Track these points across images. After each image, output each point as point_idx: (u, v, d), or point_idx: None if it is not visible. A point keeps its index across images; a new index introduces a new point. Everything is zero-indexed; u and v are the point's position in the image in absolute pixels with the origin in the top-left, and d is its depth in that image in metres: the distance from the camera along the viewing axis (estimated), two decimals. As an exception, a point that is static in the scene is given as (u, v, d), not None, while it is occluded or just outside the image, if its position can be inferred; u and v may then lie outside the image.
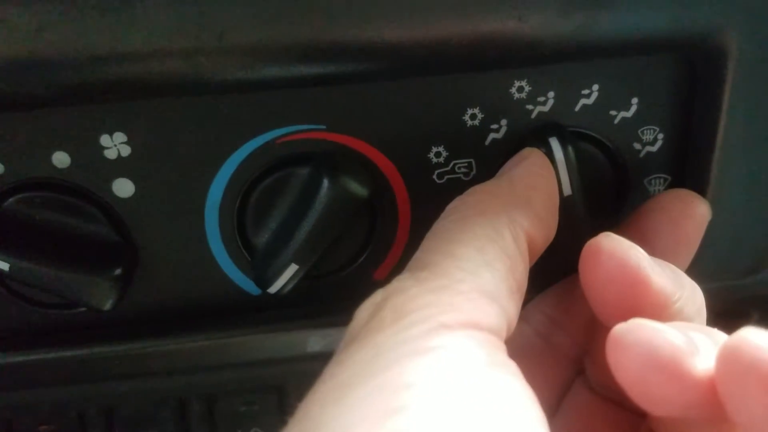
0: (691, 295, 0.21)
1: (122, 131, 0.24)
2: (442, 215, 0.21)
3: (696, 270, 0.24)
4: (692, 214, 0.24)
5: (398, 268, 0.24)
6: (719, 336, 0.19)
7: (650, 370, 0.17)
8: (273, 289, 0.25)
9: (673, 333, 0.17)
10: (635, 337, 0.17)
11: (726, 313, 0.32)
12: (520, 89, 0.24)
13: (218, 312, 0.27)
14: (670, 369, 0.17)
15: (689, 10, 0.22)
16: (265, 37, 0.21)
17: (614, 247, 0.20)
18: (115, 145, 0.24)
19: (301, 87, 0.23)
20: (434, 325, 0.16)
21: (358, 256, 0.26)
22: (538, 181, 0.22)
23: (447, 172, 0.26)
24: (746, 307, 0.31)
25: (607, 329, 0.18)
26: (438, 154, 0.25)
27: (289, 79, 0.23)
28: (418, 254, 0.19)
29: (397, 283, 0.18)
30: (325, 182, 0.23)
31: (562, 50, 0.22)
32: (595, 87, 0.24)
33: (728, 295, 0.29)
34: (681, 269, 0.24)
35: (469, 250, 0.19)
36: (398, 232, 0.27)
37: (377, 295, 0.18)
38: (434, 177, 0.26)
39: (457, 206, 0.21)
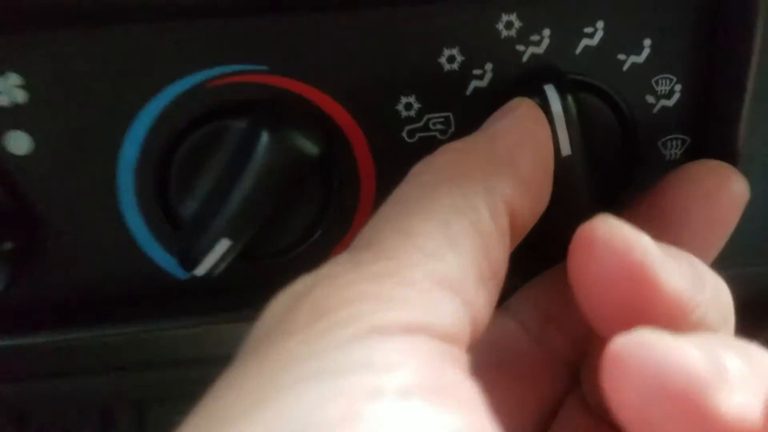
0: (715, 298, 0.16)
1: (16, 72, 0.19)
2: (404, 180, 0.16)
3: (722, 253, 0.20)
4: (730, 191, 0.19)
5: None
6: (758, 355, 0.14)
7: (658, 405, 0.12)
8: (201, 269, 0.20)
9: (692, 352, 0.12)
10: (638, 357, 0.12)
11: (756, 305, 0.28)
12: (509, 25, 0.20)
13: (137, 300, 0.22)
14: (686, 405, 0.12)
15: None
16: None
17: (612, 235, 0.15)
18: (7, 89, 0.19)
19: (236, 16, 0.19)
20: (362, 330, 0.12)
21: (310, 232, 0.22)
22: (527, 137, 0.18)
23: (419, 129, 0.21)
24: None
25: (604, 340, 0.14)
26: (408, 106, 0.21)
27: (220, 5, 0.18)
28: (365, 228, 0.15)
29: (328, 267, 0.13)
30: (265, 137, 0.19)
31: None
32: (600, 24, 0.20)
33: (760, 283, 0.25)
34: (709, 258, 0.19)
35: (429, 225, 0.14)
36: (360, 203, 0.22)
37: (300, 283, 0.13)
38: (404, 134, 0.21)
39: (421, 169, 0.16)
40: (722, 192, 0.19)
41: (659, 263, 0.15)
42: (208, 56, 0.19)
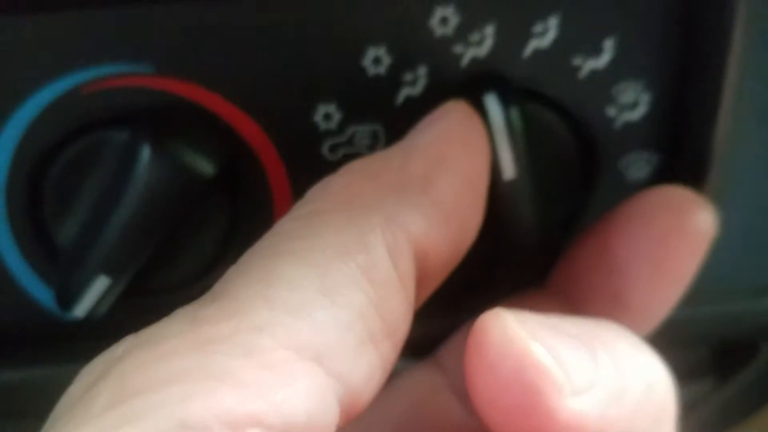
0: (640, 405, 0.13)
1: None
2: (292, 208, 0.13)
3: (693, 290, 0.17)
4: (688, 232, 0.16)
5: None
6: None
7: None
8: (80, 311, 0.17)
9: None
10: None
11: (729, 345, 0.25)
12: (444, 21, 0.17)
13: (17, 343, 0.19)
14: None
15: None
16: None
17: (505, 345, 0.12)
18: None
19: (115, 7, 0.16)
20: (165, 426, 0.09)
21: (215, 262, 0.19)
22: (451, 154, 0.14)
23: (342, 144, 0.18)
24: (754, 338, 0.24)
25: None
26: (327, 117, 0.18)
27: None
28: (226, 274, 0.12)
29: (161, 325, 0.11)
30: (146, 153, 0.15)
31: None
32: (553, 22, 0.17)
33: (731, 323, 0.22)
34: (664, 311, 0.17)
35: (301, 271, 0.11)
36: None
37: (121, 345, 0.11)
38: (324, 150, 0.18)
39: (313, 194, 0.13)
40: (680, 233, 0.16)
41: (558, 385, 0.12)
42: (84, 55, 0.16)
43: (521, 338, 0.12)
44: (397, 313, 0.13)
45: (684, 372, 0.25)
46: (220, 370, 0.10)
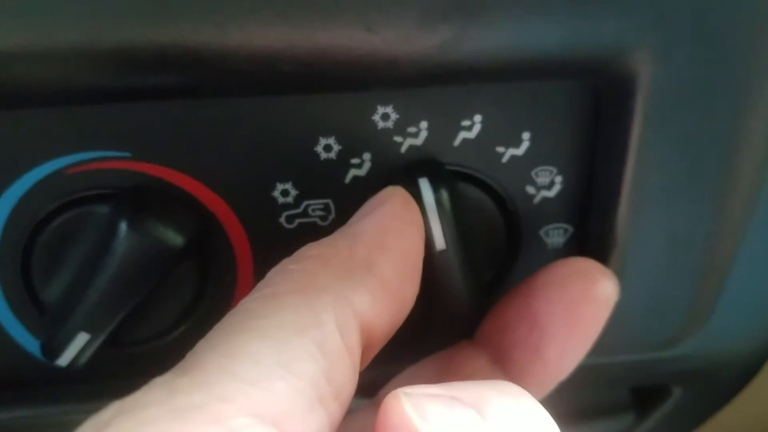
0: None
1: None
2: (254, 289, 0.16)
3: (604, 342, 0.20)
4: (594, 297, 0.19)
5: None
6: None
7: None
8: (63, 361, 0.19)
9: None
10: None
11: (644, 389, 0.28)
12: (385, 117, 0.19)
13: (5, 385, 0.21)
14: None
15: (589, 25, 0.17)
16: (39, 35, 0.16)
17: (401, 423, 0.13)
18: None
19: (96, 103, 0.18)
20: None
21: (183, 318, 0.21)
22: (390, 237, 0.17)
23: (298, 215, 0.21)
24: (666, 381, 0.26)
25: None
26: (285, 193, 0.20)
27: (79, 92, 0.17)
28: (197, 345, 0.14)
29: (140, 394, 0.13)
30: (123, 227, 0.18)
31: (428, 72, 0.17)
32: (477, 118, 0.19)
33: (644, 369, 0.24)
34: (576, 359, 0.19)
35: (261, 346, 0.13)
36: (237, 290, 0.21)
37: (107, 411, 0.12)
38: (282, 220, 0.20)
39: (272, 277, 0.15)
40: (585, 300, 0.19)
41: None
42: (68, 142, 0.18)
43: (414, 422, 0.13)
44: (345, 378, 0.15)
45: (607, 409, 0.27)
46: None
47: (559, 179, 0.21)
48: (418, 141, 0.20)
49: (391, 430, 0.13)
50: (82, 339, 0.19)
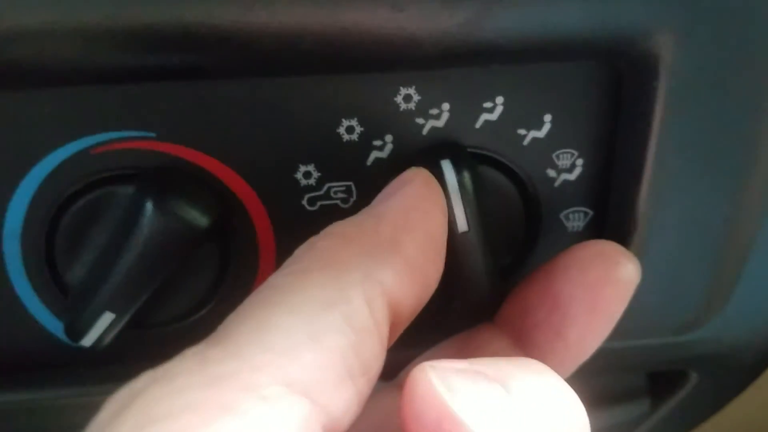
0: None
1: None
2: (280, 267, 0.16)
3: (622, 326, 0.20)
4: (615, 280, 0.19)
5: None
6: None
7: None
8: (87, 341, 0.20)
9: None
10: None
11: (661, 375, 0.28)
12: (408, 98, 0.19)
13: (29, 367, 0.21)
14: None
15: (612, 6, 0.17)
16: (65, 12, 0.16)
17: (429, 394, 0.14)
18: None
19: (122, 82, 0.18)
20: None
21: (206, 300, 0.21)
22: (415, 217, 0.17)
23: (320, 197, 0.21)
24: (684, 367, 0.26)
25: None
26: (307, 175, 0.20)
27: (105, 71, 0.17)
28: (228, 318, 0.14)
29: (174, 363, 0.13)
30: (149, 207, 0.18)
31: (451, 51, 0.17)
32: (499, 99, 0.20)
33: (662, 354, 0.24)
34: (595, 344, 0.19)
35: (291, 319, 0.13)
36: (259, 271, 0.21)
37: (141, 380, 0.13)
38: (304, 203, 0.21)
39: (300, 255, 0.16)
40: (607, 282, 0.19)
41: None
42: (93, 122, 0.19)
43: (441, 393, 0.14)
44: (373, 354, 0.15)
45: (623, 395, 0.27)
46: (227, 402, 0.12)
47: (580, 162, 0.21)
48: (440, 123, 0.20)
49: (418, 402, 0.14)
50: (106, 319, 0.19)
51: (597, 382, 0.26)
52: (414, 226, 0.17)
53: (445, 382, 0.14)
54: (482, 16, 0.16)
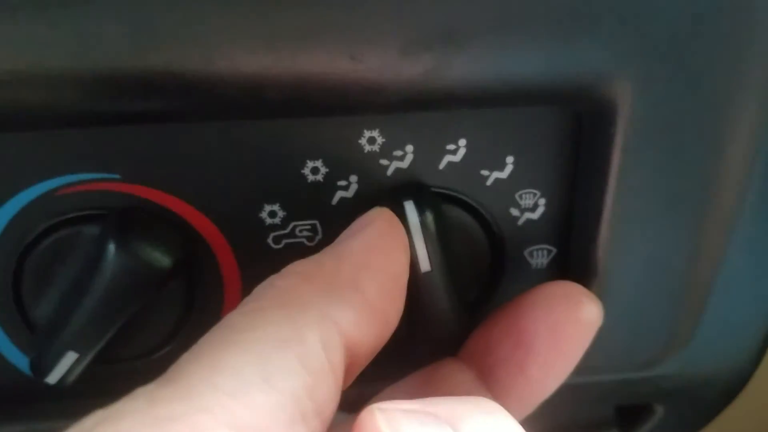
0: None
1: None
2: (240, 304, 0.16)
3: (587, 362, 0.20)
4: (578, 320, 0.19)
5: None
6: None
7: None
8: (52, 379, 0.20)
9: None
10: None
11: (627, 408, 0.28)
12: (372, 140, 0.20)
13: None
14: None
15: (570, 53, 0.18)
16: (28, 59, 0.16)
17: None
18: None
19: (87, 127, 0.18)
20: None
21: (170, 338, 0.21)
22: (375, 257, 0.17)
23: (285, 236, 0.21)
24: (649, 401, 0.27)
25: None
26: (273, 214, 0.20)
27: (67, 116, 0.18)
28: (181, 357, 0.14)
29: (123, 403, 0.13)
30: (111, 248, 0.18)
31: (412, 99, 0.17)
32: (462, 142, 0.20)
33: (627, 388, 0.25)
34: (558, 380, 0.20)
35: (243, 359, 0.13)
36: (224, 309, 0.21)
37: (90, 419, 0.13)
38: (269, 241, 0.21)
39: (258, 293, 0.16)
40: (570, 322, 0.19)
41: None
42: (57, 164, 0.19)
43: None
44: (327, 396, 0.15)
45: (591, 426, 0.28)
46: None
47: (542, 202, 0.21)
48: (404, 164, 0.20)
49: None
50: (70, 358, 0.19)
51: (565, 415, 0.27)
52: (375, 266, 0.17)
53: (392, 424, 0.14)
54: (442, 66, 0.17)
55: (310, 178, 0.20)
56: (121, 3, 0.15)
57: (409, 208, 0.19)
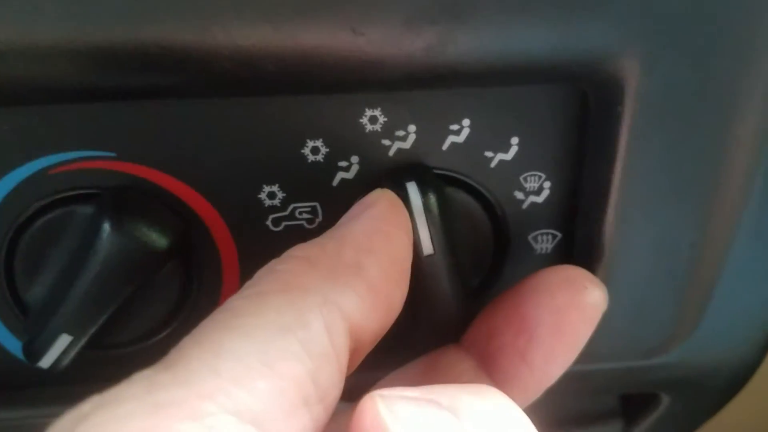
0: None
1: None
2: (241, 288, 0.15)
3: (591, 349, 0.19)
4: (582, 305, 0.19)
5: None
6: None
7: None
8: (45, 363, 0.19)
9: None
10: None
11: (633, 397, 0.27)
12: (373, 120, 0.19)
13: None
14: None
15: (577, 30, 0.17)
16: (22, 32, 0.16)
17: (376, 425, 0.13)
18: None
19: (81, 102, 0.18)
20: None
21: (167, 323, 0.21)
22: (378, 239, 0.17)
23: (285, 218, 0.20)
24: (655, 390, 0.26)
25: None
26: (272, 195, 0.20)
27: (62, 90, 0.17)
28: (182, 341, 0.14)
29: (121, 388, 0.12)
30: (106, 228, 0.18)
31: (414, 75, 0.17)
32: (466, 122, 0.19)
33: (632, 377, 0.24)
34: (561, 368, 0.19)
35: (244, 345, 0.13)
36: (222, 292, 0.21)
37: (87, 404, 0.12)
38: (268, 223, 0.20)
39: (259, 277, 0.15)
40: (574, 307, 0.19)
41: None
42: (51, 142, 0.18)
43: (387, 423, 0.13)
44: (331, 381, 0.14)
45: (596, 416, 0.27)
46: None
47: (547, 185, 0.21)
48: (407, 144, 0.20)
49: (364, 431, 0.13)
50: (64, 341, 0.19)
51: (570, 404, 0.26)
52: (378, 249, 0.17)
53: (392, 411, 0.14)
54: (445, 41, 0.16)
55: (310, 158, 0.20)
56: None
57: (412, 189, 0.19)
